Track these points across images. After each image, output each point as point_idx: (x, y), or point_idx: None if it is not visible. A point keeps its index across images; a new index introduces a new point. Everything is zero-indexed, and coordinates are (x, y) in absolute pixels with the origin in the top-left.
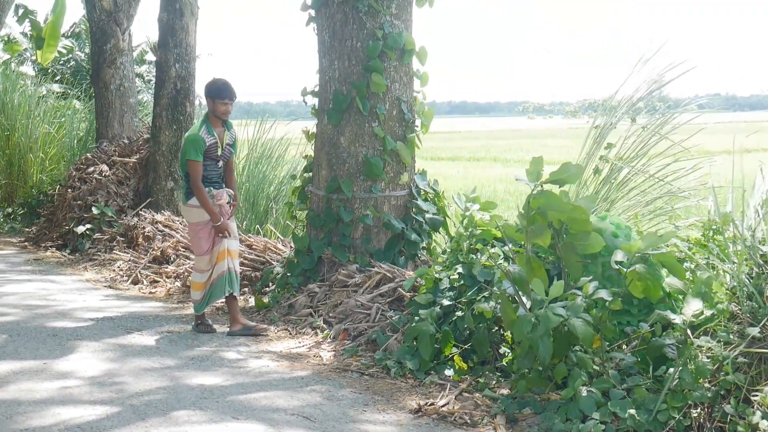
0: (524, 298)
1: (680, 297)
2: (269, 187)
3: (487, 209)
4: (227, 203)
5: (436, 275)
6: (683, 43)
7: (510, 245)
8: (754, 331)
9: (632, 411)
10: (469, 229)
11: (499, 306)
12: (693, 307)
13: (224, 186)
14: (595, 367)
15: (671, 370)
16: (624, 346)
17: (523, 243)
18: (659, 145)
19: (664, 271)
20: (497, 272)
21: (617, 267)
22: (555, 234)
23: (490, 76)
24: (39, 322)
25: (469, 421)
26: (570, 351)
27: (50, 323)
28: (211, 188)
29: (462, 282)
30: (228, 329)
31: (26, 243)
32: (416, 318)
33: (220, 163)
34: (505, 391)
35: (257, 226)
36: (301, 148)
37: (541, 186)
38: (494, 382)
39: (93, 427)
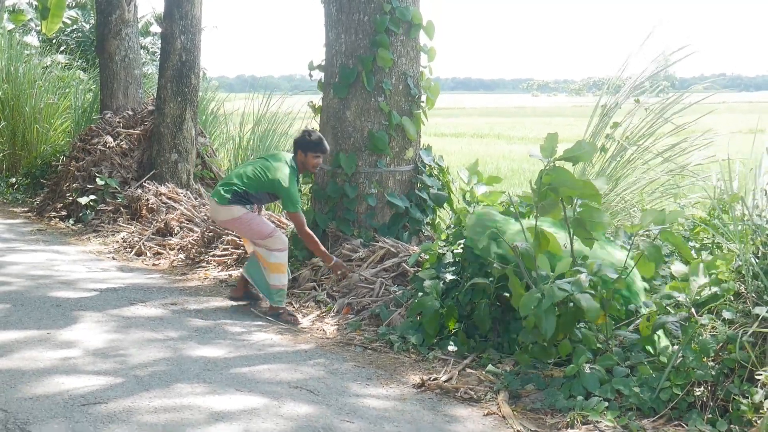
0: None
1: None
2: None
3: (491, 183)
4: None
5: (440, 250)
6: (689, 21)
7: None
8: (763, 311)
9: (636, 388)
10: (472, 204)
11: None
12: (698, 283)
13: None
14: (598, 344)
15: (675, 347)
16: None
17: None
18: (667, 124)
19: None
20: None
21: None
22: (564, 210)
23: (494, 53)
24: (43, 292)
25: (474, 396)
26: (575, 327)
27: (54, 293)
28: (254, 205)
29: (465, 257)
30: (230, 293)
31: (30, 213)
32: (420, 293)
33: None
34: (507, 368)
35: None
36: (306, 121)
37: (554, 162)
38: (497, 358)
39: (97, 396)
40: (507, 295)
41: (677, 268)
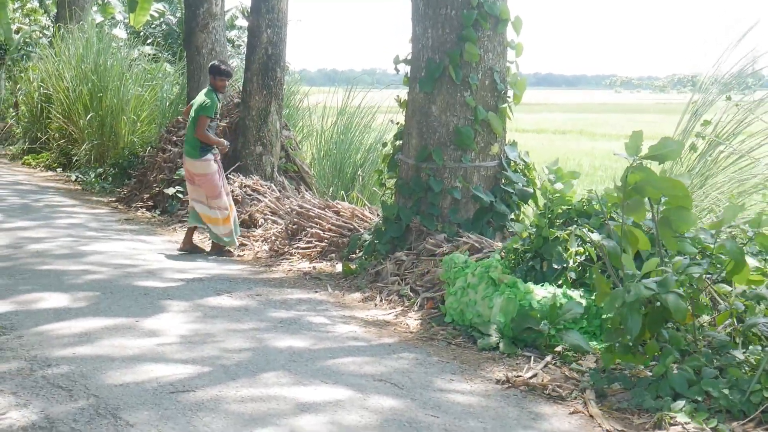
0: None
1: None
2: (356, 154)
3: (570, 179)
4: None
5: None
6: None
7: (606, 221)
8: None
9: (725, 390)
10: (550, 207)
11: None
12: None
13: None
14: (685, 346)
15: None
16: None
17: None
18: (756, 123)
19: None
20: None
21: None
22: (651, 209)
23: (577, 48)
24: (130, 280)
25: (562, 394)
26: (663, 327)
27: (141, 282)
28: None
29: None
30: (179, 247)
31: (117, 203)
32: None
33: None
34: (590, 365)
35: (343, 192)
36: (389, 115)
37: (641, 161)
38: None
39: (185, 384)
40: None
41: None
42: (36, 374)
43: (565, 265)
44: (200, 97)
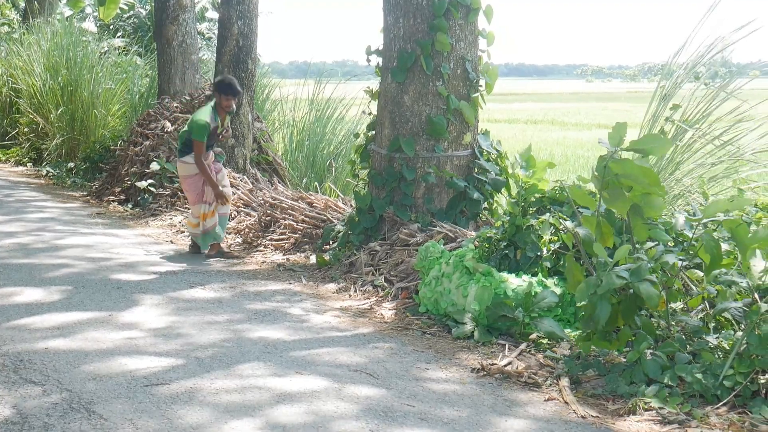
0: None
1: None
2: (329, 145)
3: (544, 168)
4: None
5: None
6: (747, 5)
7: (578, 209)
8: None
9: (698, 375)
10: (523, 195)
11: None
12: (758, 266)
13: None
14: (658, 332)
15: (738, 334)
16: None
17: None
18: (722, 107)
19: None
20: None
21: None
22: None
23: (548, 38)
24: (103, 274)
25: (535, 381)
26: (636, 315)
27: (114, 276)
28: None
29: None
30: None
31: (89, 197)
32: None
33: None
34: (565, 352)
35: (316, 183)
36: (362, 107)
37: (620, 152)
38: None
39: (159, 377)
40: None
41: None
42: (8, 369)
43: (539, 254)
44: (197, 114)
